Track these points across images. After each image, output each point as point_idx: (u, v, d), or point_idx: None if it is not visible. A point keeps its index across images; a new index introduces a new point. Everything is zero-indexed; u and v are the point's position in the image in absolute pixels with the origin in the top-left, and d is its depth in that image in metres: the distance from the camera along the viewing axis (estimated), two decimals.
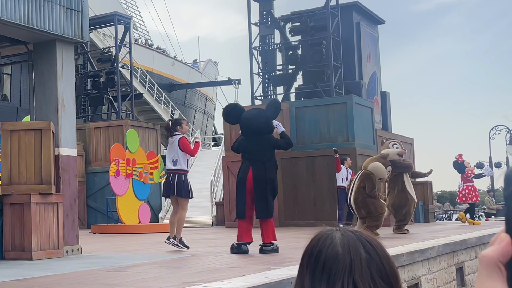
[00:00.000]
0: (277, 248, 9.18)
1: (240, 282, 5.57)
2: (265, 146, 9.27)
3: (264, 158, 9.23)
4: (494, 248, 0.86)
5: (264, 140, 9.29)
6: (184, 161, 10.30)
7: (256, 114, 9.50)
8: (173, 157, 10.28)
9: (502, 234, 0.86)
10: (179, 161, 10.24)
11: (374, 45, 27.29)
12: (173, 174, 10.23)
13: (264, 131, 9.32)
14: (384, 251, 1.31)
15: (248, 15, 25.04)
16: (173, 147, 10.29)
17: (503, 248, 0.85)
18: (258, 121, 9.34)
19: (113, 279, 6.44)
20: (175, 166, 10.25)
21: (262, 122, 9.34)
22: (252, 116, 9.44)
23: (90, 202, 23.87)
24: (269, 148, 9.30)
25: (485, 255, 0.86)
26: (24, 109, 24.90)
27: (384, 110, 26.95)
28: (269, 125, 9.38)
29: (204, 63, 49.00)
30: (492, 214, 28.31)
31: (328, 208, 18.84)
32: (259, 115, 9.47)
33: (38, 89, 10.26)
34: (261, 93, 25.42)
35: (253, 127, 9.34)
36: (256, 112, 9.65)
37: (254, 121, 9.36)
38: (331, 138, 19.33)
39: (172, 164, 10.28)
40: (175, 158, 10.26)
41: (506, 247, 0.84)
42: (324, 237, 1.32)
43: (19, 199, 8.91)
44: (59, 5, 9.94)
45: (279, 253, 9.04)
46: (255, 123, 9.34)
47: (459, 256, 11.25)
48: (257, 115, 9.46)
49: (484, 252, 0.87)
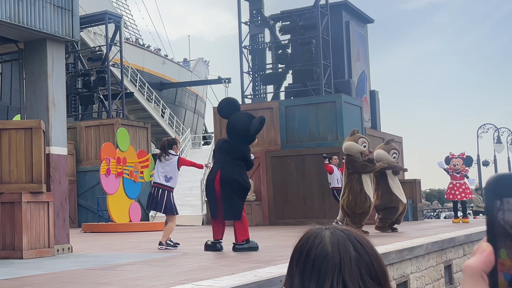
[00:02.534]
0: (253, 247, 9.21)
1: (230, 281, 5.61)
2: (237, 154, 9.38)
3: (233, 163, 9.34)
4: (477, 258, 0.86)
5: (239, 147, 9.41)
6: (176, 179, 10.70)
7: (239, 122, 9.49)
8: (167, 173, 10.56)
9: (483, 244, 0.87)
10: (173, 179, 10.58)
11: (363, 44, 27.38)
12: (163, 189, 10.51)
13: (242, 138, 9.42)
14: (373, 250, 1.33)
15: (238, 14, 25.06)
16: (169, 164, 10.60)
17: (485, 257, 0.86)
18: (239, 129, 9.39)
19: (103, 277, 6.47)
20: (167, 182, 10.55)
21: (242, 132, 9.39)
22: (236, 122, 9.48)
23: (81, 201, 23.82)
24: (239, 157, 9.40)
25: (468, 265, 0.87)
26: (15, 107, 24.81)
27: (373, 108, 27.05)
28: (247, 137, 9.45)
29: (194, 62, 48.97)
30: (480, 212, 28.46)
31: (317, 206, 18.92)
32: (242, 124, 9.45)
33: (28, 88, 10.26)
34: (251, 92, 25.46)
35: (233, 132, 9.46)
36: (241, 120, 9.58)
37: (235, 127, 9.44)
38: (320, 137, 19.40)
39: (165, 180, 10.55)
40: (169, 175, 10.56)
41: (488, 256, 0.85)
42: (314, 236, 1.33)
43: (10, 198, 8.91)
44: (50, 4, 9.94)
45: (258, 251, 9.07)
46: (236, 129, 9.42)
47: (448, 254, 11.35)
48: (240, 124, 9.45)
49: (468, 263, 0.87)
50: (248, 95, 25.08)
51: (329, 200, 18.53)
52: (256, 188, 19.83)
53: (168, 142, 10.86)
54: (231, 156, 9.37)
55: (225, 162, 9.36)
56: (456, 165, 18.02)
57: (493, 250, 0.86)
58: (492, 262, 0.86)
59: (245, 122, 9.48)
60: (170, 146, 10.73)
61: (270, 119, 20.18)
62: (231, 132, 9.55)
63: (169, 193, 10.52)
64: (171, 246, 10.41)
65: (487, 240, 0.87)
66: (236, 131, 9.43)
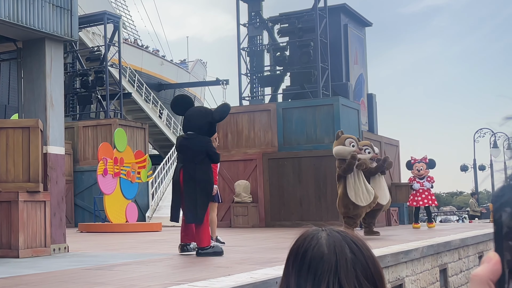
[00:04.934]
0: (218, 251, 8.75)
1: (226, 282, 5.62)
2: (199, 148, 8.80)
3: (195, 160, 8.77)
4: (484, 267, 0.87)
5: (199, 141, 8.85)
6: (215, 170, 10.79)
7: (200, 113, 9.12)
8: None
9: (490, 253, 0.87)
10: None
11: (361, 47, 27.43)
12: None
13: (202, 131, 8.90)
14: (369, 252, 1.34)
15: (236, 15, 25.10)
16: None
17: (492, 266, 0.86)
18: (200, 120, 8.92)
19: (99, 277, 6.48)
20: None
21: (203, 122, 8.91)
22: (196, 114, 9.04)
23: (78, 200, 23.81)
24: (201, 151, 8.81)
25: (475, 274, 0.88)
26: (13, 107, 24.80)
27: (371, 112, 27.09)
28: (210, 127, 8.99)
29: (192, 63, 48.99)
30: (475, 217, 28.52)
31: (314, 209, 18.93)
32: (203, 114, 9.06)
33: (26, 87, 10.26)
34: (249, 93, 25.48)
35: (192, 125, 8.96)
36: (202, 110, 9.31)
37: (195, 119, 8.96)
38: (317, 139, 19.41)
39: None
40: None
41: (495, 265, 0.86)
42: (310, 237, 1.33)
43: (7, 197, 8.92)
44: (49, 3, 9.95)
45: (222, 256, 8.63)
46: (196, 121, 8.94)
47: (443, 257, 11.37)
48: (201, 114, 9.06)
49: (475, 272, 0.88)
50: (246, 97, 25.10)
51: (325, 203, 18.56)
52: (253, 190, 19.84)
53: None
54: (193, 152, 8.78)
55: (187, 160, 8.85)
56: (420, 170, 17.61)
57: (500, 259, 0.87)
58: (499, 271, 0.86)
59: (205, 112, 9.15)
60: None
61: (267, 121, 20.20)
62: (191, 126, 8.99)
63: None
64: (220, 243, 10.54)
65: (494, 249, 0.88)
66: (196, 123, 8.90)
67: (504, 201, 0.87)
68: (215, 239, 10.98)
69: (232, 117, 20.57)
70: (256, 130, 20.36)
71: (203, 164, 8.79)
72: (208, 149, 8.84)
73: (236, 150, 20.46)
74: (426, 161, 17.75)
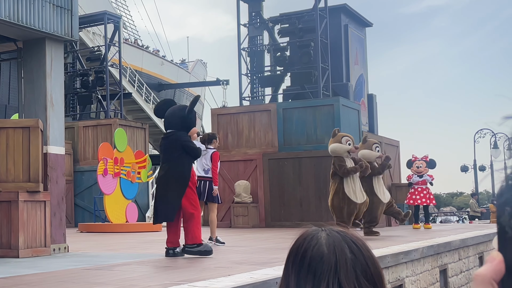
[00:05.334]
0: (204, 250, 8.46)
1: (225, 282, 5.62)
2: (174, 145, 8.64)
3: (171, 158, 8.64)
4: (487, 266, 0.87)
5: (175, 137, 8.71)
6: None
7: (175, 110, 8.97)
8: (205, 165, 11.22)
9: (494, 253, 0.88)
10: (210, 170, 11.25)
11: (362, 47, 27.42)
12: (205, 181, 11.17)
13: (178, 127, 8.77)
14: (369, 252, 1.33)
15: (237, 16, 25.10)
16: (206, 157, 11.19)
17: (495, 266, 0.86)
18: (175, 117, 8.83)
19: (99, 277, 6.47)
20: (207, 174, 11.23)
21: (177, 118, 8.79)
22: (171, 112, 8.94)
23: (78, 200, 23.80)
24: (177, 147, 8.63)
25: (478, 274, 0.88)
26: (13, 106, 24.80)
27: (371, 112, 27.09)
28: (184, 122, 8.80)
29: (193, 63, 48.99)
30: (476, 217, 28.51)
31: (314, 209, 18.93)
32: (177, 110, 8.95)
33: (27, 87, 10.26)
34: (249, 94, 25.48)
35: (169, 123, 8.88)
36: (177, 107, 9.15)
37: (171, 117, 8.87)
38: (318, 140, 19.41)
39: (204, 172, 11.22)
40: (207, 167, 11.23)
41: (498, 265, 0.86)
42: (310, 237, 1.33)
43: (7, 197, 8.92)
44: (49, 3, 9.95)
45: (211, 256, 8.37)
46: (171, 118, 8.86)
47: (443, 258, 11.37)
48: (175, 111, 8.93)
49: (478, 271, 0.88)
50: (246, 97, 25.10)
51: (325, 203, 18.54)
52: (253, 190, 19.84)
53: (208, 136, 11.67)
54: (171, 149, 8.67)
55: (165, 159, 8.78)
56: (419, 167, 17.63)
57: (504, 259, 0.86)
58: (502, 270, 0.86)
59: (179, 108, 9.07)
60: (210, 140, 11.49)
61: (267, 121, 20.20)
62: (168, 124, 8.92)
63: (211, 183, 11.22)
64: (220, 243, 10.93)
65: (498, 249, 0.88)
66: (172, 119, 8.83)
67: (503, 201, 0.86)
68: (215, 239, 11.04)
69: (232, 117, 20.57)
70: (256, 130, 20.35)
71: (179, 160, 8.58)
72: (184, 144, 8.62)
73: (236, 150, 20.46)
74: (427, 159, 17.77)
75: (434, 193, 18.31)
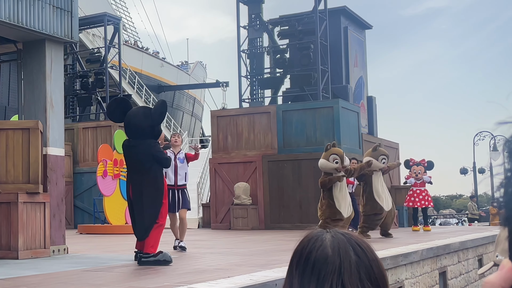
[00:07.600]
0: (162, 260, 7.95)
1: (225, 284, 5.62)
2: (145, 155, 8.05)
3: (142, 168, 8.05)
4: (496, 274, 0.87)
5: (144, 147, 8.08)
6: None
7: (139, 116, 8.24)
8: (186, 172, 10.87)
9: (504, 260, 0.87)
10: (187, 175, 10.96)
11: (361, 49, 27.43)
12: (184, 189, 10.83)
13: (146, 135, 8.13)
14: (373, 254, 1.33)
15: (237, 17, 25.10)
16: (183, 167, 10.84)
17: (505, 274, 0.86)
18: (141, 124, 8.14)
19: (99, 279, 6.47)
20: (186, 181, 10.88)
21: (145, 126, 8.12)
22: (135, 118, 8.21)
23: (77, 202, 23.80)
24: (148, 158, 8.05)
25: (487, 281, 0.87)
26: (13, 108, 24.79)
27: (370, 114, 27.08)
28: (153, 130, 8.19)
29: (192, 65, 49.01)
30: (475, 220, 28.52)
31: (313, 211, 18.87)
32: (142, 117, 8.20)
33: (26, 88, 10.27)
34: (249, 96, 25.48)
35: (134, 130, 8.20)
36: (141, 112, 8.37)
37: (136, 124, 8.17)
38: (317, 142, 19.42)
39: (185, 180, 10.84)
40: (186, 173, 10.91)
41: (507, 273, 0.86)
42: (314, 239, 1.33)
43: (6, 198, 8.92)
44: (49, 5, 9.96)
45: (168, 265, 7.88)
46: (137, 126, 8.17)
47: (442, 260, 11.37)
48: (140, 117, 8.20)
49: (487, 278, 0.88)
50: (245, 99, 25.10)
51: None
52: (252, 192, 19.85)
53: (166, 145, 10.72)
54: (142, 160, 8.05)
55: (134, 171, 8.15)
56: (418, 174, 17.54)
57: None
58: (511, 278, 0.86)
59: (144, 114, 8.25)
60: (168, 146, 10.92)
61: (267, 123, 20.21)
62: (132, 131, 8.22)
63: (184, 192, 10.85)
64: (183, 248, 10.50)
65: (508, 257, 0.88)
66: (138, 128, 8.14)
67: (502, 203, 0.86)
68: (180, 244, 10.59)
69: (232, 119, 20.58)
70: (256, 132, 20.36)
71: (150, 172, 8.07)
72: (154, 153, 8.09)
73: (236, 152, 20.46)
74: (425, 164, 17.77)
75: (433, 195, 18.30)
